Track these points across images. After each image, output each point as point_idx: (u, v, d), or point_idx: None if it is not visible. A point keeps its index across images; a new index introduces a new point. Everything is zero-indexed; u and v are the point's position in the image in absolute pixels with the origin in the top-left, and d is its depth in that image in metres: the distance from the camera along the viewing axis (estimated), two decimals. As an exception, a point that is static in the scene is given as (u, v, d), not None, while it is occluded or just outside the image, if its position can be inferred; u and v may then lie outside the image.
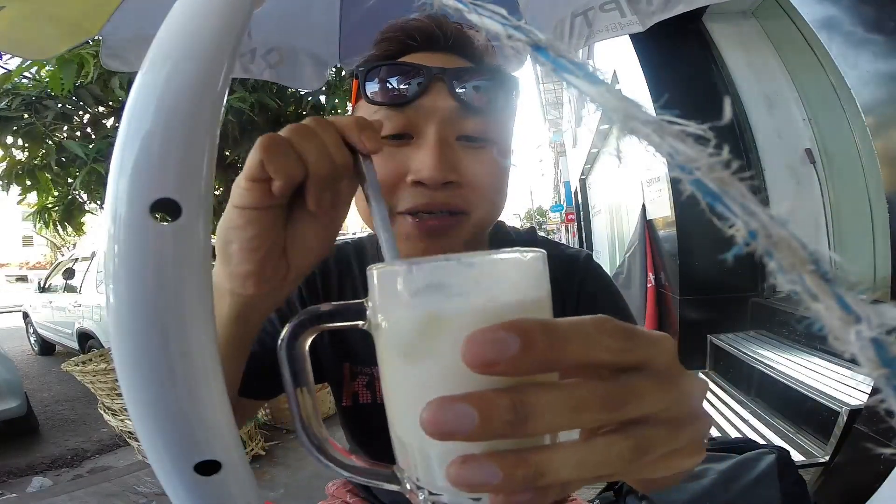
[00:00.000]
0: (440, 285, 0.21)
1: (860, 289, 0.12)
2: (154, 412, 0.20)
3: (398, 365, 0.23)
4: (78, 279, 5.00)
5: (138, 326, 0.20)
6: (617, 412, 0.19)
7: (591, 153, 6.72)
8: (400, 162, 0.48)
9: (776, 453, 1.32)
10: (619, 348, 0.20)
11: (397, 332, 0.23)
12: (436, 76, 0.47)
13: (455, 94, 0.47)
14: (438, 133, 0.47)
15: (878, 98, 1.69)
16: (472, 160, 0.49)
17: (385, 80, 0.48)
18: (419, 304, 0.22)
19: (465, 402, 0.18)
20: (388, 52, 0.53)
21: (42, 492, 2.49)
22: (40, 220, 3.05)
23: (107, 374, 2.69)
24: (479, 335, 0.18)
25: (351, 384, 0.59)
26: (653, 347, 0.21)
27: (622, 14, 1.23)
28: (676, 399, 0.21)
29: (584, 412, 0.19)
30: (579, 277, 0.60)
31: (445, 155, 0.47)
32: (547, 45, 0.16)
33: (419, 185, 0.47)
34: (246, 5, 0.23)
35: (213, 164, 0.22)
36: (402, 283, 0.23)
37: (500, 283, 0.22)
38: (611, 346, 0.19)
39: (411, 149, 0.48)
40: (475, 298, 0.21)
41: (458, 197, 0.49)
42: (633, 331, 0.20)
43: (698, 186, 0.13)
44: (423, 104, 0.48)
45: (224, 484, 0.22)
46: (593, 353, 0.19)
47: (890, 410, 0.12)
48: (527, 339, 0.18)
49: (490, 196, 0.51)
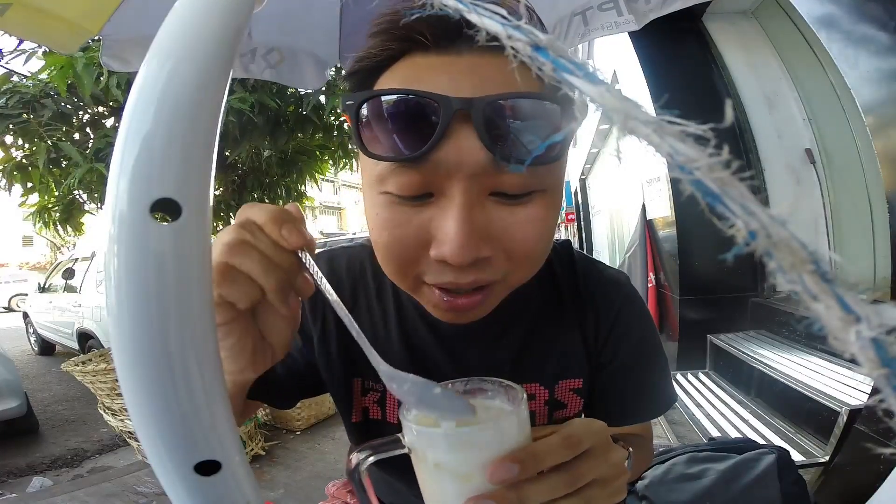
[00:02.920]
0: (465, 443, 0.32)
1: (860, 289, 0.12)
2: (154, 412, 0.20)
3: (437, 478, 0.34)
4: (78, 279, 4.99)
5: (138, 326, 0.20)
6: (575, 485, 0.34)
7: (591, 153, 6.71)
8: (419, 226, 0.38)
9: (776, 453, 1.32)
10: (574, 448, 0.34)
11: (436, 463, 0.33)
12: (458, 112, 0.33)
13: (486, 137, 0.33)
14: (465, 194, 0.36)
15: (878, 98, 1.69)
16: (509, 224, 0.38)
17: (383, 120, 0.35)
18: (451, 448, 0.32)
19: (490, 499, 0.31)
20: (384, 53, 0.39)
21: (42, 492, 2.48)
22: (40, 220, 3.06)
23: (107, 374, 2.69)
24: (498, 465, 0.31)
25: (361, 399, 0.56)
26: (595, 437, 0.36)
27: (619, 13, 1.23)
28: (609, 466, 0.36)
29: (557, 489, 0.33)
30: (618, 306, 0.56)
31: (474, 224, 0.36)
32: (547, 45, 0.16)
33: (444, 262, 0.37)
34: (246, 5, 0.23)
35: (213, 164, 0.22)
36: (433, 440, 0.33)
37: (507, 430, 0.33)
38: (570, 452, 0.34)
39: (432, 210, 0.37)
40: (490, 440, 0.32)
41: (490, 272, 0.39)
42: (581, 436, 0.35)
43: (698, 186, 0.13)
44: (442, 158, 0.35)
45: (224, 484, 0.22)
46: (559, 458, 0.33)
47: (890, 410, 0.12)
48: (522, 465, 0.31)
49: (532, 261, 0.41)
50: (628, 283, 0.59)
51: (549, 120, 0.35)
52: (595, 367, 0.56)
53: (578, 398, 0.56)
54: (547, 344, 0.55)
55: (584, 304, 0.56)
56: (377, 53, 0.39)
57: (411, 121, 0.35)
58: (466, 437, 0.32)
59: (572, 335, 0.56)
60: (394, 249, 0.39)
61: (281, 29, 1.38)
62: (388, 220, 0.39)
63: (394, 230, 0.38)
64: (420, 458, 0.33)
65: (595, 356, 0.56)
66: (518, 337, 0.55)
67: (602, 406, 0.58)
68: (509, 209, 0.38)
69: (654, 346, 0.59)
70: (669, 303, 3.17)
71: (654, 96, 2.91)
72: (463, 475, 0.32)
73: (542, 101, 0.34)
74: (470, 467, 0.32)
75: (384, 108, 0.35)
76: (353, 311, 0.56)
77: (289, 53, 1.44)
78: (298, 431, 2.86)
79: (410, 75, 0.38)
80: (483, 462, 0.31)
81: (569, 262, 0.58)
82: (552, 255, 0.57)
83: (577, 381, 0.56)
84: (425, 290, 0.42)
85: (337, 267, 0.59)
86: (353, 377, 0.56)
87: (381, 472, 0.59)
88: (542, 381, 0.55)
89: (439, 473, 0.33)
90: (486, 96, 0.33)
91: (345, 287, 0.58)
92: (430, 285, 0.40)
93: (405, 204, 0.38)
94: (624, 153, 4.21)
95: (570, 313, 0.56)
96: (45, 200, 3.01)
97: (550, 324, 0.56)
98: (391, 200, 0.38)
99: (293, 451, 2.65)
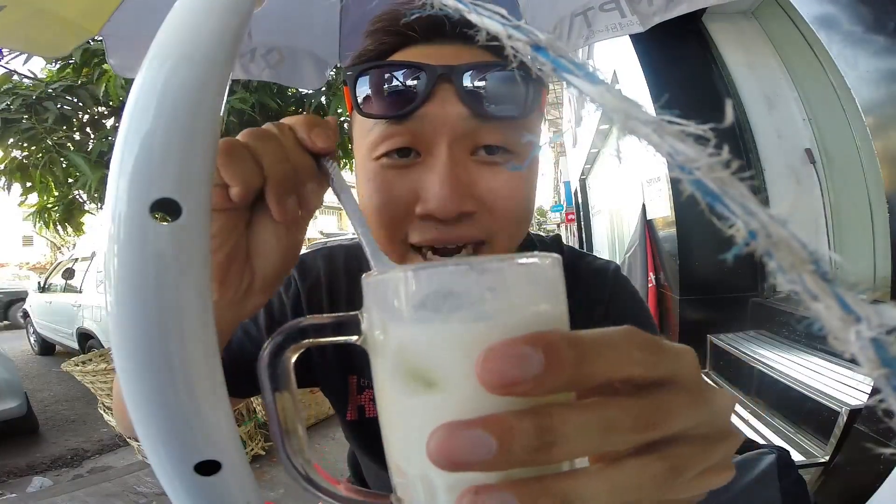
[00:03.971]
0: (448, 294, 0.19)
1: (860, 289, 0.12)
2: (154, 412, 0.20)
3: (399, 386, 0.20)
4: (78, 279, 5.00)
5: (138, 326, 0.20)
6: (650, 432, 0.17)
7: (591, 153, 6.71)
8: (407, 187, 0.41)
9: (776, 453, 1.32)
10: (650, 362, 0.18)
11: (397, 349, 0.20)
12: (441, 76, 0.39)
13: (466, 97, 0.38)
14: (449, 150, 0.40)
15: (878, 98, 1.69)
16: (492, 180, 0.41)
17: (378, 86, 0.40)
18: (424, 318, 0.19)
19: (482, 427, 0.15)
20: (381, 47, 0.44)
21: (42, 492, 2.48)
22: (40, 220, 3.05)
23: (107, 374, 2.69)
24: (499, 350, 0.16)
25: (357, 397, 0.56)
26: (679, 361, 0.20)
27: (622, 14, 1.23)
28: (707, 415, 0.20)
29: (615, 433, 0.17)
30: (609, 290, 0.57)
31: (458, 179, 0.39)
32: (547, 45, 0.16)
33: (429, 218, 0.40)
34: (246, 5, 0.23)
35: (213, 164, 0.22)
36: (402, 292, 0.20)
37: (519, 292, 0.20)
38: (641, 359, 0.18)
39: (419, 169, 0.41)
40: (490, 309, 0.19)
41: (475, 228, 0.41)
42: (660, 343, 0.19)
43: (698, 186, 0.13)
44: (428, 114, 0.39)
45: (224, 484, 0.22)
46: (625, 367, 0.17)
47: (890, 410, 0.12)
48: (552, 354, 0.16)
49: (515, 219, 0.43)
50: (617, 270, 0.59)
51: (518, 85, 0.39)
52: None
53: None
54: None
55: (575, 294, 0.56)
56: (374, 48, 0.44)
57: (401, 85, 0.39)
58: (456, 285, 0.19)
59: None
60: (384, 211, 0.41)
61: (281, 29, 1.37)
62: (379, 184, 0.41)
63: (384, 192, 0.41)
64: (378, 351, 0.21)
65: None
66: None
67: None
68: (491, 170, 0.41)
69: (648, 327, 0.58)
70: (669, 303, 3.17)
71: (654, 96, 2.91)
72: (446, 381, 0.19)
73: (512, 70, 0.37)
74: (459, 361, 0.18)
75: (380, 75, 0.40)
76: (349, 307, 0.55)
77: (289, 53, 1.43)
78: (298, 431, 2.86)
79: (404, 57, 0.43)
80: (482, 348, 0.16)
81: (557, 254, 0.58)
82: (540, 248, 0.59)
83: None
84: (409, 256, 0.43)
85: (335, 263, 0.59)
86: (348, 374, 0.57)
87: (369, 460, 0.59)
88: None
89: (404, 375, 0.20)
90: (464, 63, 0.39)
91: (342, 283, 0.57)
92: (418, 248, 0.42)
93: (395, 167, 0.41)
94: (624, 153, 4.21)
95: None
96: (44, 200, 3.00)
97: None
98: (382, 166, 0.42)
99: (293, 451, 2.65)
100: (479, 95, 0.39)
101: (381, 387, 0.22)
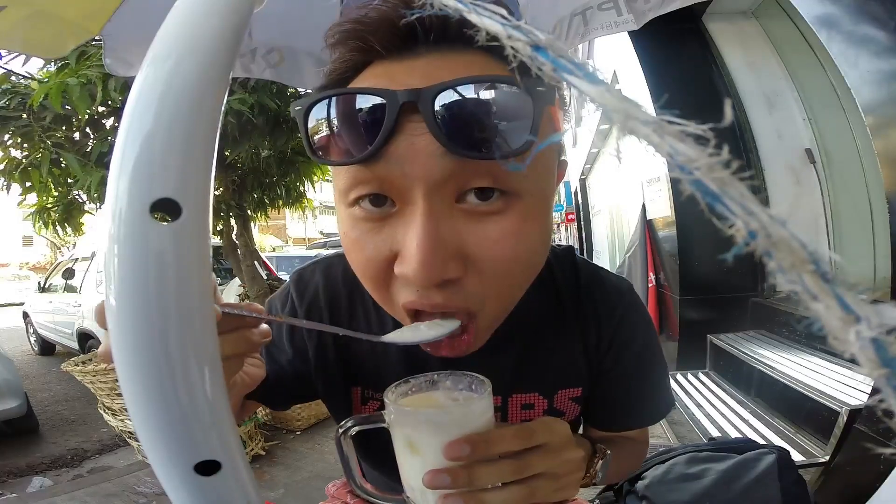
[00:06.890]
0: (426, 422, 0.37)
1: (860, 289, 0.12)
2: (154, 412, 0.20)
3: (403, 448, 0.39)
4: (78, 279, 4.99)
5: (138, 326, 0.20)
6: (521, 474, 0.37)
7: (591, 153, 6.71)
8: (385, 243, 0.34)
9: (776, 453, 1.32)
10: (526, 441, 0.38)
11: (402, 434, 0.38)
12: (405, 106, 0.30)
13: (438, 129, 0.29)
14: (426, 200, 0.32)
15: (878, 98, 1.69)
16: (480, 239, 0.33)
17: (328, 123, 0.32)
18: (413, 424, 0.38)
19: (445, 473, 0.35)
20: (343, 66, 0.36)
21: (42, 492, 2.48)
22: (40, 220, 3.05)
23: (107, 374, 2.69)
24: (453, 443, 0.35)
25: (361, 408, 0.56)
26: (552, 434, 0.39)
27: (619, 12, 1.23)
28: (559, 464, 0.39)
29: (504, 475, 0.37)
30: (620, 313, 0.55)
31: (438, 239, 0.32)
32: (547, 45, 0.16)
33: (409, 282, 0.34)
34: (246, 5, 0.23)
35: (213, 164, 0.22)
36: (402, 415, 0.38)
37: (467, 418, 0.37)
38: (520, 443, 0.38)
39: (393, 223, 0.34)
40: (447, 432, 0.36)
41: (460, 297, 0.35)
42: (535, 430, 0.39)
43: (698, 186, 0.13)
44: (394, 154, 0.31)
45: (224, 484, 0.22)
46: (509, 446, 0.37)
47: (890, 410, 0.12)
48: (476, 446, 0.35)
49: (509, 284, 0.37)
50: (631, 290, 0.57)
51: (510, 105, 0.30)
52: (595, 375, 0.56)
53: (576, 406, 0.56)
54: (547, 354, 0.54)
55: (586, 312, 0.55)
56: (339, 67, 0.37)
57: (360, 121, 0.31)
58: (432, 417, 0.37)
59: (573, 344, 0.55)
60: (364, 270, 0.37)
61: (281, 29, 1.37)
62: (356, 239, 0.36)
63: (360, 250, 0.36)
64: (395, 435, 0.39)
65: (596, 364, 0.55)
66: (518, 348, 0.54)
67: (599, 411, 0.57)
68: (480, 221, 0.33)
69: (655, 355, 0.58)
70: (669, 303, 3.17)
71: (654, 96, 2.91)
72: (427, 451, 0.36)
73: (500, 85, 0.30)
74: (433, 444, 0.36)
75: (335, 109, 0.32)
76: (352, 320, 0.55)
77: (289, 53, 1.43)
78: (298, 431, 2.86)
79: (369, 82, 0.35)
80: (444, 441, 0.35)
81: (571, 269, 0.57)
82: (553, 262, 0.56)
83: (576, 389, 0.55)
84: (400, 314, 0.38)
85: (333, 276, 0.57)
86: (352, 386, 0.56)
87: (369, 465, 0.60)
88: (541, 390, 0.54)
89: (409, 448, 0.38)
90: (432, 85, 0.30)
91: (342, 296, 0.56)
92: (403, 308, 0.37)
93: (370, 219, 0.35)
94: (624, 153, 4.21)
95: (572, 322, 0.55)
96: (44, 200, 3.00)
97: (551, 333, 0.55)
98: (355, 217, 0.36)
99: (293, 451, 2.65)
100: (456, 125, 0.30)
101: (397, 445, 0.39)
